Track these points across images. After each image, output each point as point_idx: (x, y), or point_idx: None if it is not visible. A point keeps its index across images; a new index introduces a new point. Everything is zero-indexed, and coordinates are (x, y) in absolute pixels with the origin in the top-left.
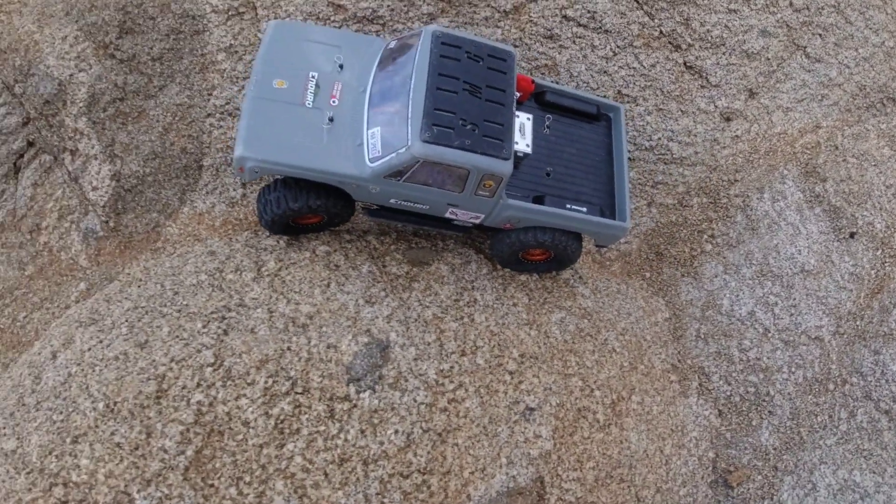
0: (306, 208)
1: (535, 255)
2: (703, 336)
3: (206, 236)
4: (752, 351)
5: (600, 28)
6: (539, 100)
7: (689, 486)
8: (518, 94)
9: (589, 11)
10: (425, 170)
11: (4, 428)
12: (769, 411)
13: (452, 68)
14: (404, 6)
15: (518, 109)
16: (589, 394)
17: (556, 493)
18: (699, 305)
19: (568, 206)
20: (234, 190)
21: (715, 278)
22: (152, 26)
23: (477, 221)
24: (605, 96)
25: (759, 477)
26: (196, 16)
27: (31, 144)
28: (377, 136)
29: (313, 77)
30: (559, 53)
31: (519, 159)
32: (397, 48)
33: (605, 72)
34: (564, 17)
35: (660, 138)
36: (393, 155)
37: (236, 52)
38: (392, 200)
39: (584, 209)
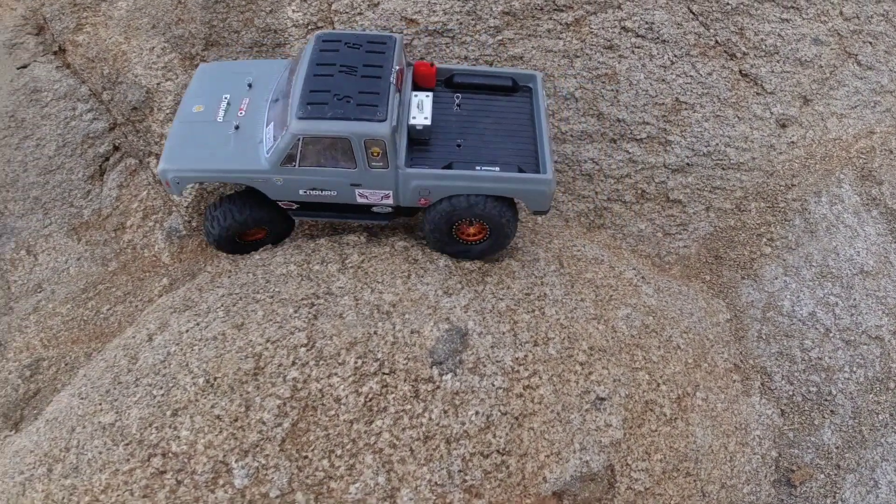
0: (251, 220)
1: (471, 233)
2: (764, 337)
3: None
4: (814, 351)
5: (658, 38)
6: (450, 84)
7: (752, 484)
8: (399, 68)
9: (647, 23)
10: (311, 149)
11: (101, 403)
12: (831, 410)
13: (330, 58)
14: (472, 20)
15: (422, 92)
16: (655, 388)
17: (625, 481)
18: (760, 307)
19: (478, 168)
20: None
21: (775, 280)
22: (236, 39)
23: (389, 201)
24: (662, 103)
25: (822, 475)
26: (278, 30)
27: (116, 148)
28: (271, 131)
29: (226, 98)
30: (619, 63)
31: (420, 133)
32: (297, 59)
33: (663, 80)
34: (623, 28)
35: (717, 144)
36: (279, 140)
37: None
38: (301, 192)
39: (497, 169)
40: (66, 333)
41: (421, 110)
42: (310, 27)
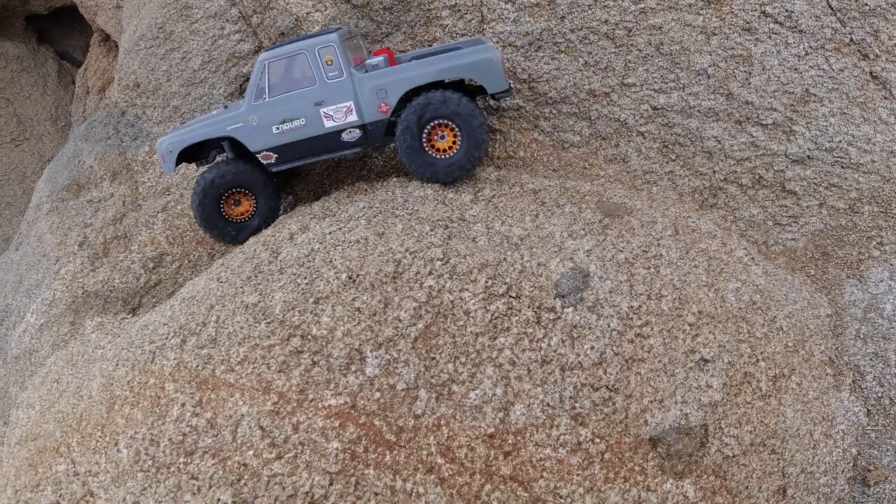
0: (228, 175)
1: (444, 146)
2: (862, 336)
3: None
4: None
5: (795, 27)
6: None
7: (829, 476)
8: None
9: (787, 10)
10: (276, 73)
11: (244, 287)
12: None
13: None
14: None
15: None
16: (755, 362)
17: (716, 443)
18: (861, 307)
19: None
20: None
21: (880, 283)
22: None
23: (354, 117)
24: (792, 92)
25: None
26: None
27: None
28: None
29: (225, 106)
30: (755, 46)
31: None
32: None
33: (795, 69)
34: (763, 12)
35: (840, 141)
36: (252, 77)
37: (459, 10)
38: (275, 129)
39: None
40: (191, 234)
41: (375, 60)
42: None
